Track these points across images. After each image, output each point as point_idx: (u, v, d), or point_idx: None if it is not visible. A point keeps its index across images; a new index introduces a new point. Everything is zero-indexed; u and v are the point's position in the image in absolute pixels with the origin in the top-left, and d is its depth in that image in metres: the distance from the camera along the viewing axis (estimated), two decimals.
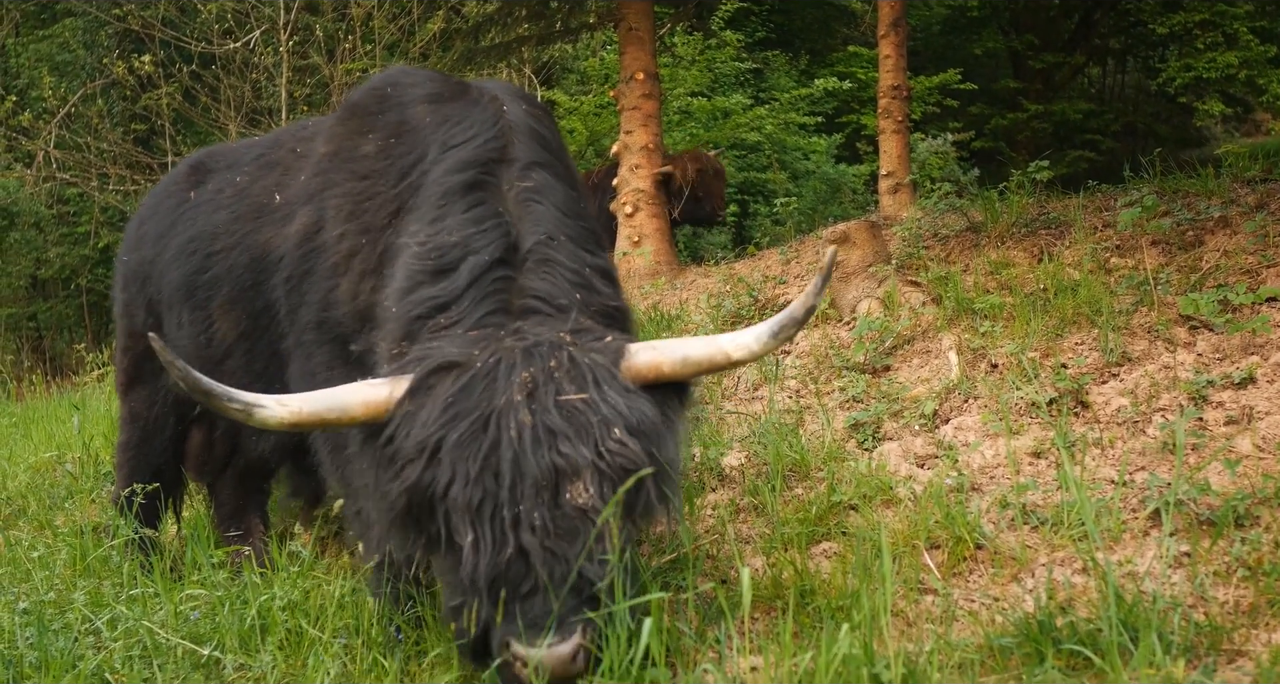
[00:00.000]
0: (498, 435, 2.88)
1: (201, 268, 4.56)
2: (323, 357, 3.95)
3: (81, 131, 15.97)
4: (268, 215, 4.34)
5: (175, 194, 4.94)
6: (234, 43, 14.94)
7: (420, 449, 2.92)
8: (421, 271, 3.37)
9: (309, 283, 4.02)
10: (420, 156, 3.81)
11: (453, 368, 3.02)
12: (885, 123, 9.20)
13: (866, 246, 6.43)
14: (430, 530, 2.97)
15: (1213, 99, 17.37)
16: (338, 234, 3.93)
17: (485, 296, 3.28)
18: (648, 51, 9.27)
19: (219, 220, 4.57)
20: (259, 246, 4.31)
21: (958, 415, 4.80)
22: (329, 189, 4.05)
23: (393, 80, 4.31)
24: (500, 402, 2.91)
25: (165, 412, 5.04)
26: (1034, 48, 19.21)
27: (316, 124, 4.70)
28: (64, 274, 16.97)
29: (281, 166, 4.50)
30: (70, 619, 3.68)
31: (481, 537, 2.85)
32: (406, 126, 4.00)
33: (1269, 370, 4.28)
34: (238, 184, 4.62)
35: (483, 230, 3.41)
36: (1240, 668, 2.74)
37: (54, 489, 6.79)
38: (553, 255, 3.40)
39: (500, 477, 2.85)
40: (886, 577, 2.93)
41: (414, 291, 3.36)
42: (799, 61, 18.91)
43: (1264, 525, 3.39)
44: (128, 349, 5.14)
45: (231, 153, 5.00)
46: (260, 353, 4.36)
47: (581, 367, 3.01)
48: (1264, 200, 5.77)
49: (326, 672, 3.25)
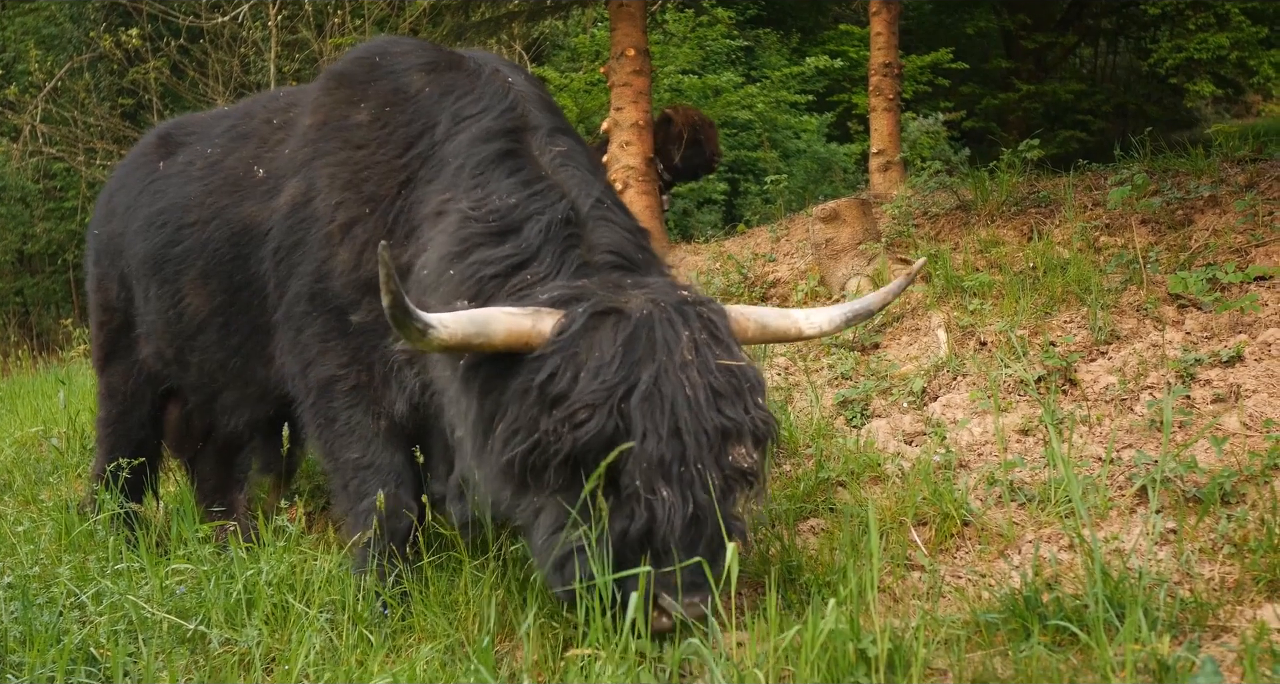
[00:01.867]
0: (674, 393, 2.93)
1: (172, 241, 4.49)
2: (316, 329, 3.92)
3: (68, 106, 15.88)
4: (249, 189, 4.27)
5: (144, 165, 4.87)
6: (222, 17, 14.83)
7: (606, 396, 2.91)
8: (479, 235, 3.38)
9: (299, 253, 3.99)
10: (427, 126, 3.83)
11: (611, 313, 3.04)
12: (876, 101, 9.18)
13: (857, 224, 6.42)
14: (570, 481, 2.97)
15: (1204, 80, 17.33)
16: (334, 203, 3.89)
17: (564, 252, 3.34)
18: (638, 28, 9.21)
19: (191, 193, 4.49)
20: (240, 221, 4.25)
21: (946, 393, 4.80)
22: (319, 158, 4.01)
23: (380, 49, 4.29)
24: (677, 358, 2.97)
25: (142, 386, 5.01)
26: (1026, 27, 19.13)
27: (290, 94, 4.64)
28: (50, 249, 16.90)
29: (257, 138, 4.43)
30: (55, 594, 3.67)
31: (671, 494, 2.90)
32: (403, 94, 4.00)
33: (1257, 349, 4.28)
34: (209, 156, 4.54)
35: (536, 193, 3.47)
36: (1225, 644, 2.74)
37: (40, 464, 6.77)
38: (609, 214, 3.52)
39: (683, 435, 2.91)
40: (874, 552, 2.92)
41: (472, 254, 3.36)
42: (790, 39, 18.82)
43: (1250, 502, 3.40)
44: (104, 323, 5.09)
45: (200, 123, 4.92)
46: (238, 327, 4.32)
47: (721, 330, 3.12)
48: (1253, 180, 5.77)
49: (312, 646, 3.24)
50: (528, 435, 2.98)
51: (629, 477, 2.92)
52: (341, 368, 3.88)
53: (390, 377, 3.82)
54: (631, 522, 2.91)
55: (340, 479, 3.97)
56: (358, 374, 3.87)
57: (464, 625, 3.38)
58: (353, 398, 3.88)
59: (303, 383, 3.99)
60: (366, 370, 3.86)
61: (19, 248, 17.03)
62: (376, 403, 3.86)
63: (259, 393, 4.42)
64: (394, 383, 3.82)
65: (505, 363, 3.08)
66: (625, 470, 2.92)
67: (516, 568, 3.55)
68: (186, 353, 4.55)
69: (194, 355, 4.52)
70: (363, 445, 3.88)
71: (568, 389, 2.95)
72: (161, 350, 4.71)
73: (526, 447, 2.98)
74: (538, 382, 2.98)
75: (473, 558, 3.62)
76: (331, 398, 3.91)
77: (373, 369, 3.85)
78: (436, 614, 3.41)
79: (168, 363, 4.74)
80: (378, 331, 3.80)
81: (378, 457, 3.87)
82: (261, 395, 4.43)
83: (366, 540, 3.77)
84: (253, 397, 4.48)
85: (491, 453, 3.09)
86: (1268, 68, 16.55)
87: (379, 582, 3.67)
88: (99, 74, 16.71)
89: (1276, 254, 4.90)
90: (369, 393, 3.86)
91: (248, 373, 4.38)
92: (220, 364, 4.43)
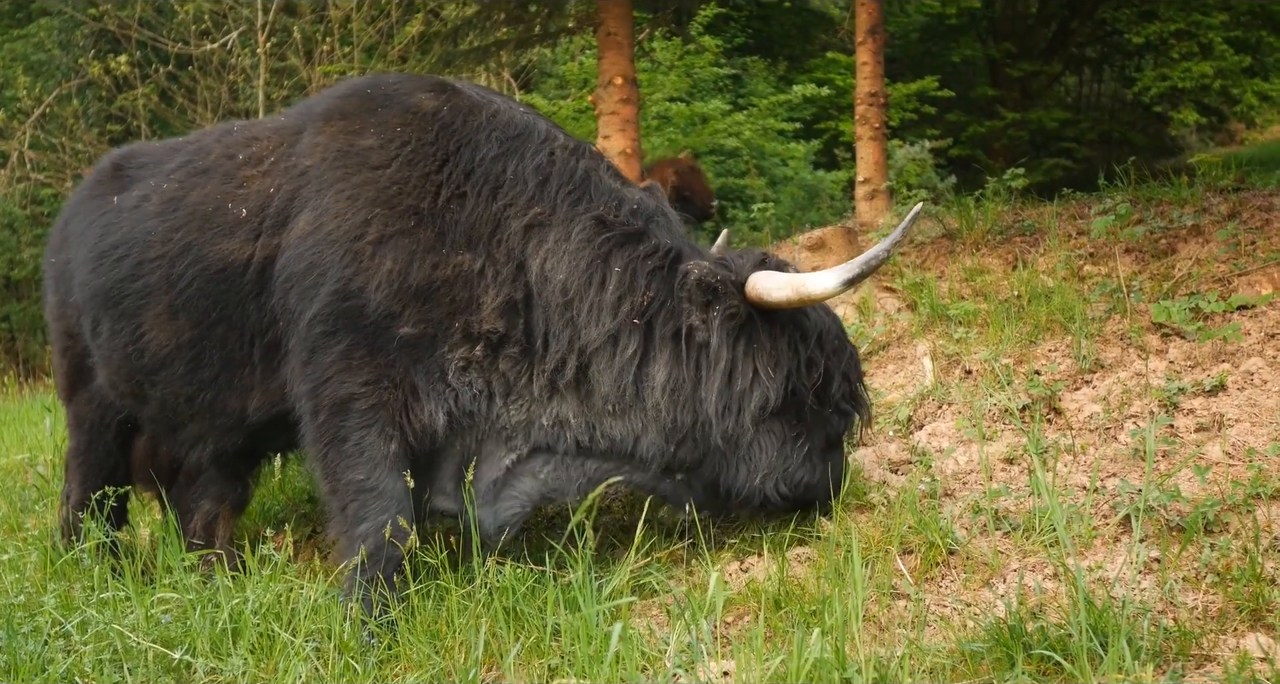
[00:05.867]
0: None
1: (131, 275, 4.44)
2: (340, 350, 3.93)
3: (56, 132, 15.89)
4: (225, 227, 4.25)
5: (97, 197, 4.81)
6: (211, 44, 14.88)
7: (841, 331, 4.06)
8: (617, 237, 3.93)
9: (314, 277, 3.99)
10: (462, 143, 4.09)
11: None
12: (862, 130, 9.22)
13: (842, 252, 6.46)
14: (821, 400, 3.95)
15: (1187, 108, 17.50)
16: (360, 221, 3.96)
17: (692, 244, 4.13)
18: (626, 56, 9.25)
19: (150, 228, 4.44)
20: (216, 258, 4.23)
21: (932, 421, 4.82)
22: (328, 189, 4.06)
23: (368, 82, 4.47)
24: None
25: (106, 413, 4.96)
26: (1011, 56, 19.29)
27: (246, 128, 4.65)
28: (37, 275, 16.82)
29: (220, 175, 4.41)
30: (40, 622, 3.66)
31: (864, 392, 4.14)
32: (416, 114, 4.17)
33: (1239, 378, 4.31)
34: (164, 191, 4.50)
35: (639, 202, 4.07)
36: (1209, 673, 2.76)
37: (25, 492, 6.74)
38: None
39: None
40: (858, 581, 2.94)
41: (618, 253, 3.91)
42: (777, 67, 18.94)
43: (1233, 532, 3.42)
44: (66, 350, 5.01)
45: (152, 155, 4.85)
46: (209, 361, 4.31)
47: None
48: (1236, 209, 5.81)
49: (298, 676, 3.24)
50: (808, 368, 3.87)
51: (839, 387, 3.94)
52: (363, 386, 3.90)
53: (430, 389, 3.91)
54: (844, 420, 4.03)
55: (339, 501, 3.97)
56: (381, 392, 3.89)
57: (450, 654, 3.38)
58: (368, 417, 3.89)
59: (312, 402, 3.97)
60: (394, 389, 3.89)
61: (6, 274, 16.99)
62: (392, 423, 3.89)
63: (230, 424, 4.42)
64: (433, 395, 3.91)
65: (765, 318, 3.87)
66: (836, 388, 3.93)
67: (503, 596, 3.55)
68: (147, 387, 4.52)
69: (155, 389, 4.49)
70: (369, 467, 3.89)
71: (825, 330, 3.94)
72: (115, 383, 4.68)
73: (811, 378, 3.87)
74: (810, 327, 3.91)
75: (459, 586, 3.62)
76: (346, 417, 3.91)
77: (402, 386, 3.90)
78: (423, 642, 3.41)
79: (122, 395, 4.71)
80: (423, 343, 3.89)
81: (382, 481, 3.88)
82: (233, 426, 4.43)
83: (357, 566, 3.78)
84: (221, 428, 4.46)
85: (756, 389, 3.82)
86: (1251, 96, 16.71)
87: (367, 609, 3.67)
88: (87, 100, 16.72)
89: (1259, 283, 4.94)
90: (386, 413, 3.88)
91: (218, 405, 4.37)
92: (188, 397, 4.42)
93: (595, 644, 3.03)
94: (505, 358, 3.91)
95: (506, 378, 3.93)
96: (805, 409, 3.90)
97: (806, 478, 3.95)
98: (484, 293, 3.89)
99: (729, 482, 3.96)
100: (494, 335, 3.88)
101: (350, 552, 3.85)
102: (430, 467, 4.05)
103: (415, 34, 14.34)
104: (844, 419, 4.03)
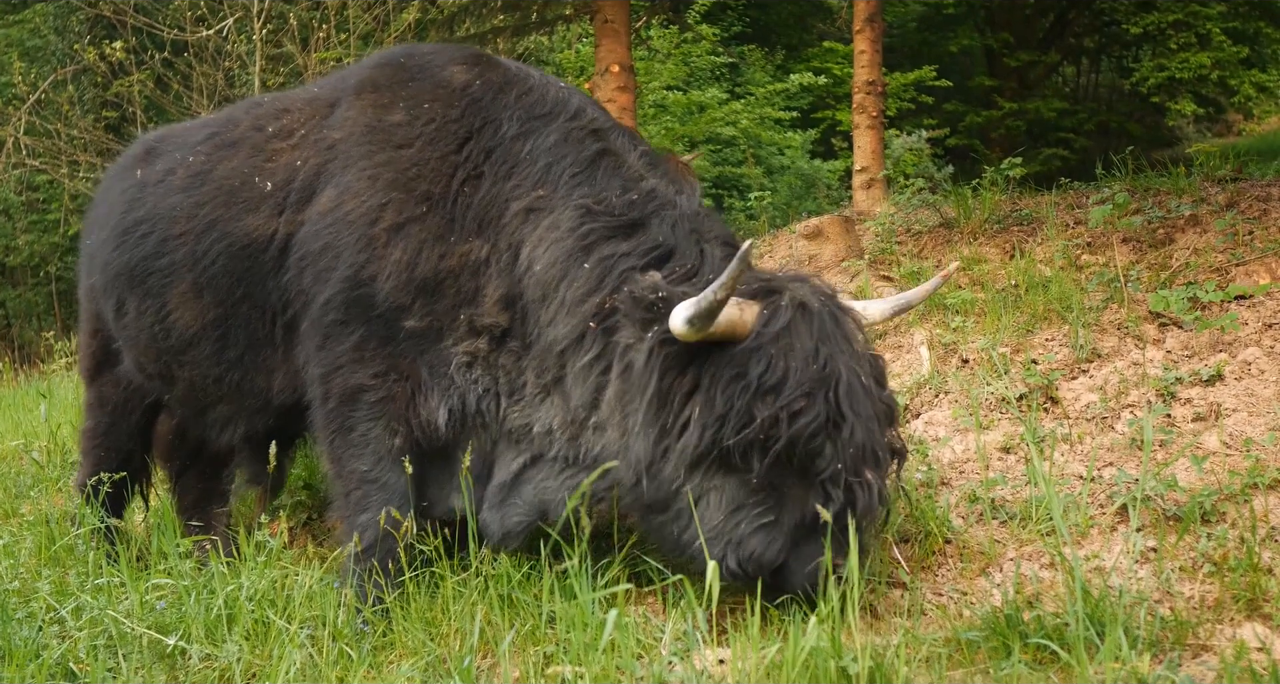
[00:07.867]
0: (861, 381, 3.24)
1: (156, 253, 4.39)
2: (353, 340, 3.87)
3: (52, 118, 15.80)
4: (250, 201, 4.17)
5: (123, 175, 4.78)
6: (207, 30, 14.80)
7: (818, 386, 3.14)
8: (605, 228, 3.59)
9: (328, 259, 3.91)
10: (487, 121, 3.93)
11: (802, 308, 3.26)
12: (860, 118, 9.21)
13: (840, 241, 6.44)
14: (771, 465, 3.17)
15: (1185, 99, 17.48)
16: (377, 204, 3.86)
17: (698, 244, 3.57)
18: (623, 44, 9.23)
19: (176, 203, 4.37)
20: (241, 234, 4.15)
21: (929, 410, 4.81)
22: (352, 165, 3.97)
23: (404, 52, 4.34)
24: (854, 348, 3.31)
25: (133, 396, 4.96)
26: (1009, 46, 19.28)
27: (277, 100, 4.56)
28: (33, 261, 16.83)
29: (249, 147, 4.33)
30: (35, 608, 3.65)
31: (874, 477, 3.20)
32: (446, 89, 4.05)
33: (1237, 368, 4.30)
34: (190, 165, 4.43)
35: (650, 190, 3.70)
36: (1205, 662, 2.76)
37: (20, 477, 6.73)
38: (701, 208, 3.78)
39: (868, 421, 3.21)
40: (854, 570, 2.93)
41: (601, 247, 3.57)
42: (775, 56, 18.91)
43: (1230, 521, 3.42)
44: (96, 332, 4.99)
45: (182, 133, 4.82)
46: (236, 341, 4.25)
47: (853, 318, 3.44)
48: (1234, 199, 5.81)
49: (293, 662, 3.23)
50: (742, 422, 3.14)
51: (829, 461, 3.14)
52: (374, 378, 3.85)
53: (434, 384, 3.84)
54: (828, 503, 3.13)
55: (343, 487, 3.94)
56: (390, 385, 3.84)
57: (445, 642, 3.37)
58: (376, 410, 3.85)
59: (323, 388, 3.93)
60: (402, 381, 3.84)
61: (1, 260, 16.95)
62: (399, 417, 3.84)
63: (258, 405, 4.36)
64: (437, 390, 3.84)
65: (707, 350, 3.24)
66: (824, 456, 3.15)
67: (498, 584, 3.54)
68: (174, 368, 4.47)
69: (183, 370, 4.43)
70: (374, 459, 3.86)
71: (782, 379, 3.14)
72: (143, 364, 4.63)
73: (741, 433, 3.14)
74: (756, 372, 3.16)
75: (454, 574, 3.61)
76: (354, 407, 3.87)
77: (410, 379, 3.84)
78: (418, 630, 3.40)
79: (150, 376, 4.66)
80: (429, 336, 3.82)
81: (385, 473, 3.85)
82: (260, 408, 4.36)
83: (353, 554, 3.77)
84: (250, 409, 4.40)
85: (684, 434, 3.23)
86: (1248, 87, 16.72)
87: (363, 597, 3.66)
88: (83, 86, 16.65)
89: (1256, 273, 4.93)
90: (393, 406, 3.84)
91: (246, 385, 4.31)
92: (216, 378, 4.36)
93: (590, 632, 3.02)
94: (508, 353, 3.78)
95: (510, 375, 3.79)
96: (772, 473, 3.19)
97: (761, 553, 3.23)
98: (487, 283, 3.77)
99: (678, 532, 3.40)
100: (496, 329, 3.77)
101: (349, 539, 3.85)
102: (451, 464, 3.96)
103: (411, 21, 14.29)
104: (830, 504, 3.14)
